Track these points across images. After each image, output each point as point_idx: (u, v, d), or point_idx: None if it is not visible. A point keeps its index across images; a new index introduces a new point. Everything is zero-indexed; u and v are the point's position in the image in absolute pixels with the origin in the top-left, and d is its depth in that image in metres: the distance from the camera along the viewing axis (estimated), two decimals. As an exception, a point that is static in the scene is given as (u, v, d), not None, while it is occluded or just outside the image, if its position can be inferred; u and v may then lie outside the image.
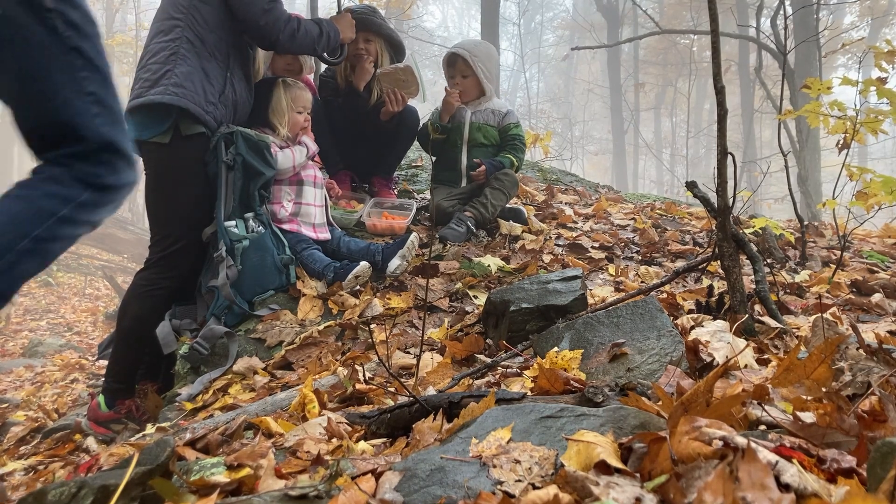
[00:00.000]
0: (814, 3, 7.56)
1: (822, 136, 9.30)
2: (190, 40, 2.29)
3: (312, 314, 2.39)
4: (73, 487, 0.81)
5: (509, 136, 3.29)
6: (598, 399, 1.02)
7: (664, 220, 3.60)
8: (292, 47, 2.50)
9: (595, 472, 0.73)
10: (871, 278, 2.22)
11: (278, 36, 2.40)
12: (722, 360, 1.33)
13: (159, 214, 2.38)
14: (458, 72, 3.21)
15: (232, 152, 2.38)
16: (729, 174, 1.62)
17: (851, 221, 2.98)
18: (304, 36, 2.46)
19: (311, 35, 2.49)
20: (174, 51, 2.27)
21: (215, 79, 2.35)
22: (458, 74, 3.21)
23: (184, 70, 2.26)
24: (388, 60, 3.12)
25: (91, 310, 8.68)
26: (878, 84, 2.53)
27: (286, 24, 2.39)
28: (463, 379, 1.51)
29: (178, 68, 2.26)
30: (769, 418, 0.87)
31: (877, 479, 0.64)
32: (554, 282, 1.92)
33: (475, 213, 3.02)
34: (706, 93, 25.27)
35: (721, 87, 1.58)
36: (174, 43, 2.28)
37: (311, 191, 2.72)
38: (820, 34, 7.70)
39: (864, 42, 12.14)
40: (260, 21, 2.34)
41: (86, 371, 4.85)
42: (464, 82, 3.21)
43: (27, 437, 2.68)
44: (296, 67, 3.05)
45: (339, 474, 0.86)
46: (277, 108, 2.65)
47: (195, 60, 2.30)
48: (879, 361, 1.06)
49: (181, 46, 2.28)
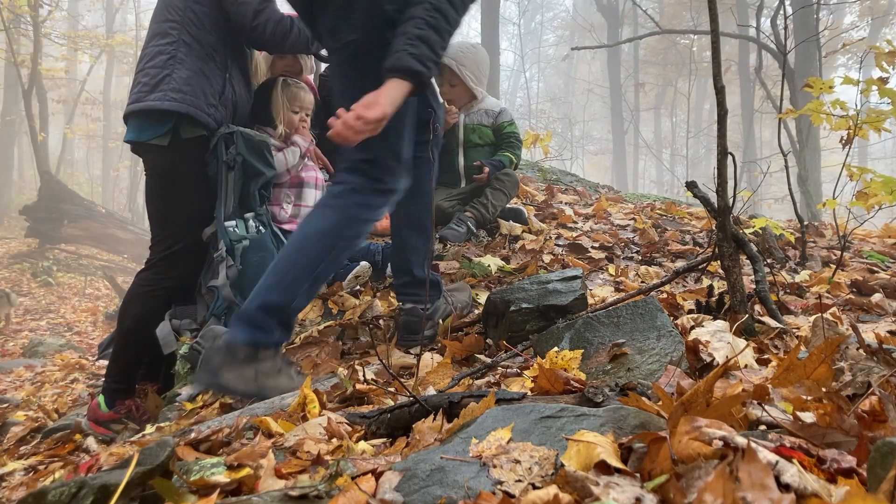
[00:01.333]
0: (814, 3, 7.56)
1: (823, 136, 9.31)
2: (187, 43, 2.29)
3: (312, 314, 2.39)
4: (73, 487, 0.81)
5: (504, 133, 3.28)
6: (598, 399, 1.02)
7: (664, 220, 3.60)
8: (284, 47, 2.49)
9: (595, 472, 0.73)
10: (871, 278, 2.22)
11: (269, 37, 2.38)
12: (722, 360, 1.32)
13: (160, 215, 2.38)
14: (445, 81, 3.19)
15: (232, 152, 2.38)
16: (729, 174, 1.62)
17: (851, 221, 2.98)
18: (297, 36, 2.45)
19: (305, 35, 2.48)
20: (172, 54, 2.27)
21: (214, 80, 2.35)
22: (445, 83, 3.20)
23: (182, 74, 2.26)
24: None
25: (91, 310, 8.68)
26: (879, 84, 2.53)
27: (277, 24, 2.37)
28: (463, 379, 1.51)
29: (176, 72, 2.25)
30: (769, 418, 0.87)
31: (877, 479, 0.64)
32: (554, 282, 1.92)
33: (475, 214, 3.02)
34: (706, 93, 25.27)
35: (721, 87, 1.58)
36: (171, 46, 2.27)
37: (312, 192, 2.72)
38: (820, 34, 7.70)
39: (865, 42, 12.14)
40: (251, 22, 2.33)
41: (86, 371, 4.85)
42: (452, 91, 3.19)
43: (27, 437, 2.68)
44: (296, 68, 3.05)
45: (339, 474, 0.86)
46: (275, 105, 2.66)
47: (193, 63, 2.29)
48: (879, 361, 1.06)
49: (179, 50, 2.27)
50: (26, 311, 8.34)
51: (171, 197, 2.36)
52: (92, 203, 12.18)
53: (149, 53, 2.30)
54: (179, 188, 2.35)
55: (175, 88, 2.24)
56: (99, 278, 10.50)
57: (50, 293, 9.52)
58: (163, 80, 2.24)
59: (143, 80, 2.27)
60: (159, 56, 2.27)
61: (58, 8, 13.67)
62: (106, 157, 22.49)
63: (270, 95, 2.66)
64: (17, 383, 4.67)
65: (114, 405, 2.31)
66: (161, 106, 2.21)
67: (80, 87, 17.23)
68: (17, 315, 7.97)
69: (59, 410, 3.15)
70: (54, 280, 10.07)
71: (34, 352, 5.89)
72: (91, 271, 10.89)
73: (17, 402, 3.71)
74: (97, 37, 15.75)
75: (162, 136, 2.26)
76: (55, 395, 3.92)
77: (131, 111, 2.27)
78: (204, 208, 2.41)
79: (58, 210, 10.64)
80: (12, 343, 6.72)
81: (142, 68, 2.31)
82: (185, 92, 2.25)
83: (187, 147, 2.31)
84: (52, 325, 7.73)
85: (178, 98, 2.23)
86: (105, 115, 20.27)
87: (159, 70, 2.25)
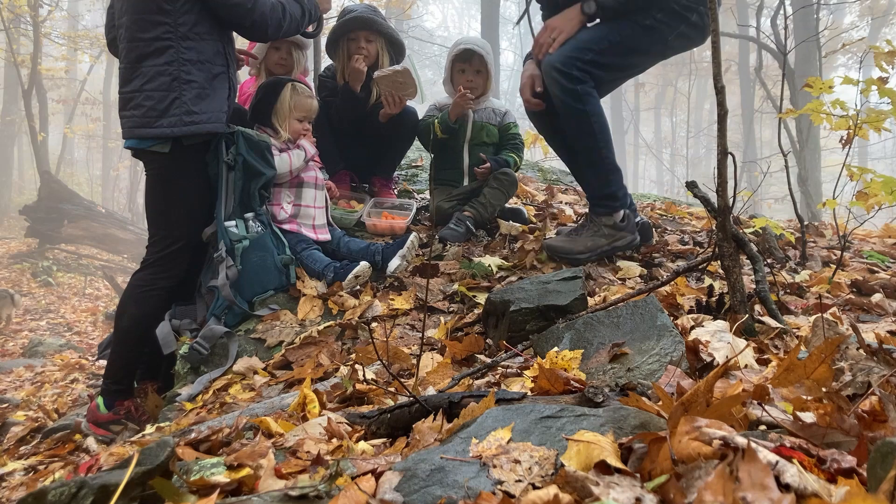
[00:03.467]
0: (814, 3, 7.56)
1: (823, 136, 9.31)
2: (188, 60, 2.23)
3: (312, 314, 2.39)
4: (73, 487, 0.81)
5: (509, 135, 3.30)
6: (598, 399, 1.02)
7: (664, 220, 3.60)
8: (281, 35, 2.51)
9: (595, 472, 0.73)
10: (872, 278, 2.22)
11: (266, 30, 2.39)
12: (722, 360, 1.32)
13: (158, 215, 2.38)
14: (472, 68, 3.19)
15: (233, 152, 2.38)
16: (729, 174, 1.62)
17: (851, 221, 2.98)
18: (290, 22, 2.46)
19: (296, 18, 2.49)
20: (175, 76, 2.21)
21: (221, 90, 2.34)
22: (471, 71, 3.19)
23: (191, 94, 2.23)
24: (389, 60, 3.11)
25: (91, 310, 8.68)
26: (879, 84, 2.53)
27: (270, 16, 2.35)
28: (463, 379, 1.51)
29: (185, 94, 2.22)
30: (769, 418, 0.87)
31: (877, 479, 0.64)
32: (554, 282, 1.92)
33: (474, 213, 3.02)
34: (706, 93, 25.27)
35: (721, 86, 1.58)
36: (173, 67, 2.21)
37: (311, 192, 2.72)
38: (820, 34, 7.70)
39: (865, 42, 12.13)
40: (246, 23, 2.32)
41: (86, 371, 4.85)
42: (477, 79, 3.20)
43: (27, 437, 2.68)
44: (289, 64, 3.06)
45: (339, 474, 0.86)
46: (280, 110, 2.65)
47: (200, 80, 2.26)
48: (879, 361, 1.06)
49: (181, 69, 2.21)
50: (26, 311, 8.34)
51: (170, 197, 2.36)
52: (92, 203, 12.18)
53: (146, 74, 2.22)
54: (178, 188, 2.35)
55: (187, 111, 2.22)
56: (99, 278, 10.50)
57: (50, 293, 9.51)
58: (172, 104, 2.21)
59: (146, 103, 2.21)
60: (161, 77, 2.21)
61: (58, 8, 13.67)
62: (106, 157, 22.49)
63: (276, 98, 2.66)
64: (17, 383, 4.67)
65: (113, 406, 2.31)
66: (179, 132, 2.21)
67: (80, 87, 17.24)
68: (17, 315, 7.97)
69: (59, 410, 3.15)
70: (54, 280, 10.07)
71: (34, 352, 5.89)
72: (91, 271, 10.89)
73: (17, 402, 3.71)
74: (97, 37, 15.71)
75: (162, 143, 2.26)
76: (55, 395, 3.92)
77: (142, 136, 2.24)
78: (202, 208, 2.41)
79: (58, 210, 10.64)
80: (12, 343, 6.72)
81: (139, 88, 2.22)
82: (197, 112, 2.24)
83: (189, 151, 2.31)
84: (52, 325, 7.73)
85: (193, 120, 2.23)
86: (105, 115, 20.26)
87: (165, 93, 2.20)
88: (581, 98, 2.29)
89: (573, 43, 2.34)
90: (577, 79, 2.28)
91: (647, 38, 2.35)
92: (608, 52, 2.33)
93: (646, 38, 2.35)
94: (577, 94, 2.29)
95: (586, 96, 2.31)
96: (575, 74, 2.27)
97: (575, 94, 2.29)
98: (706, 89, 24.90)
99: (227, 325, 2.33)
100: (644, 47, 2.39)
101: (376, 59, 3.09)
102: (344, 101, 3.07)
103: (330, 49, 3.17)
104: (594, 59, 2.32)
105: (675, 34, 2.37)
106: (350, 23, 3.02)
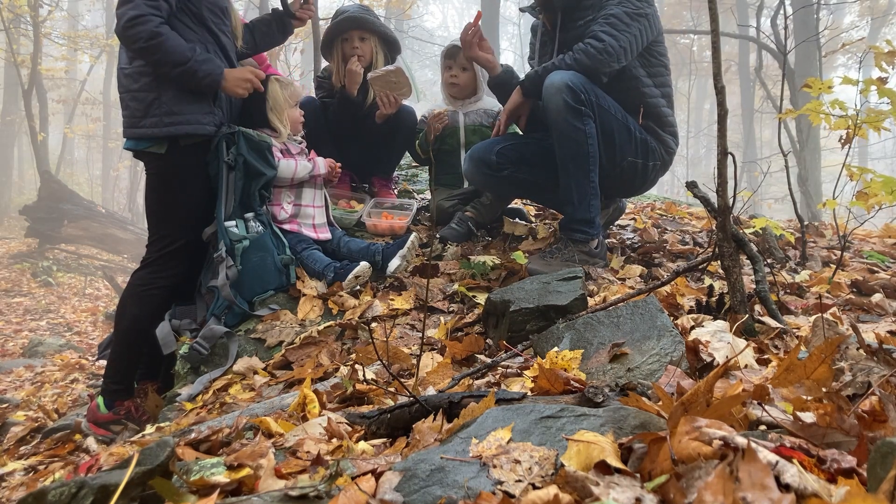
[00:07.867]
0: (814, 3, 7.56)
1: (823, 136, 9.30)
2: None
3: (312, 314, 2.39)
4: (73, 487, 0.81)
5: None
6: (598, 399, 1.02)
7: (664, 220, 3.60)
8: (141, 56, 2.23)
9: (595, 472, 0.73)
10: (872, 278, 2.22)
11: (131, 47, 2.22)
12: (722, 360, 1.32)
13: (158, 215, 2.38)
14: (458, 65, 3.19)
15: (233, 152, 2.38)
16: (729, 174, 1.62)
17: (851, 221, 2.98)
18: (163, 57, 2.18)
19: (166, 62, 2.19)
20: (153, 74, 2.23)
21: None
22: (457, 67, 3.19)
23: (170, 94, 2.23)
24: (383, 58, 3.10)
25: (91, 310, 8.68)
26: (878, 84, 2.53)
27: (142, 40, 2.14)
28: (463, 379, 1.51)
29: (164, 94, 2.23)
30: (769, 418, 0.87)
31: (877, 479, 0.64)
32: (554, 282, 1.92)
33: (476, 214, 3.02)
34: (706, 93, 25.26)
35: (721, 86, 1.58)
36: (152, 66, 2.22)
37: (311, 192, 2.72)
38: (820, 34, 7.70)
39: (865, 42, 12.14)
40: (119, 34, 2.20)
41: (86, 371, 4.85)
42: (462, 75, 3.19)
43: (27, 437, 2.68)
44: None
45: (339, 474, 0.86)
46: (276, 105, 2.64)
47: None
48: (879, 361, 1.06)
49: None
50: (26, 311, 8.34)
51: (170, 197, 2.36)
52: (92, 203, 12.18)
53: (131, 74, 2.25)
54: (178, 188, 2.36)
55: (167, 111, 2.22)
56: (99, 278, 10.49)
57: (50, 293, 9.51)
58: (152, 104, 2.21)
59: (131, 104, 2.25)
60: (143, 78, 2.23)
61: (58, 8, 13.67)
62: (106, 157, 22.47)
63: (267, 93, 2.63)
64: (17, 383, 4.67)
65: (113, 406, 2.31)
66: (159, 133, 2.22)
67: (80, 87, 17.23)
68: (17, 315, 7.97)
69: (59, 410, 3.15)
70: (54, 280, 10.07)
71: (34, 352, 5.89)
72: (91, 271, 10.88)
73: (17, 402, 3.71)
74: (97, 37, 15.74)
75: (158, 144, 2.27)
76: (55, 395, 3.92)
77: (129, 136, 2.28)
78: (202, 208, 2.41)
79: (58, 210, 10.63)
80: (12, 343, 6.71)
81: (127, 89, 2.26)
82: (177, 112, 2.23)
83: (186, 151, 2.31)
84: (52, 325, 7.72)
85: (172, 121, 2.23)
86: (105, 115, 20.24)
87: (146, 94, 2.22)
88: (583, 118, 2.39)
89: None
90: (584, 101, 2.39)
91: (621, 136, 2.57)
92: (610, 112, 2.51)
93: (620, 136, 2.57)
94: (581, 113, 2.38)
95: (587, 118, 2.41)
96: (582, 98, 2.38)
97: (578, 114, 2.38)
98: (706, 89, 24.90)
99: (227, 325, 2.33)
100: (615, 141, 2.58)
101: (371, 58, 3.07)
102: (341, 105, 3.06)
103: (325, 51, 3.17)
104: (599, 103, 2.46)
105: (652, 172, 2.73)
106: (343, 23, 3.02)
